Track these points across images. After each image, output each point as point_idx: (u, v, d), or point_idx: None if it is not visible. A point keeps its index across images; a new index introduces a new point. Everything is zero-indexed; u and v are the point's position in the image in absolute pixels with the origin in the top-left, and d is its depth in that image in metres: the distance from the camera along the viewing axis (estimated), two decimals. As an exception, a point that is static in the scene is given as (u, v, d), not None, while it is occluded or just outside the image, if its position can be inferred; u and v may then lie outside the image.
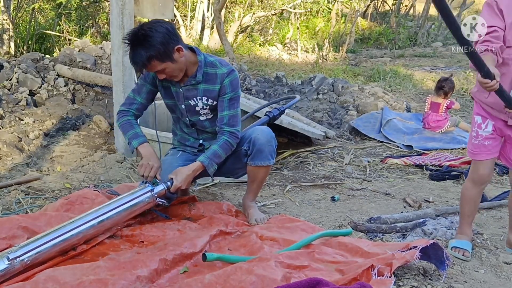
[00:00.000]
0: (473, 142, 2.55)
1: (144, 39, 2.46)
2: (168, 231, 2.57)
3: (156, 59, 2.49)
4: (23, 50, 8.41)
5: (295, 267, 2.17)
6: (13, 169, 3.70)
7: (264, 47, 12.40)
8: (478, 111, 2.54)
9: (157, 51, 2.47)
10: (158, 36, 2.47)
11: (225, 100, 2.73)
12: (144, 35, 2.46)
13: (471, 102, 7.05)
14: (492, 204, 3.37)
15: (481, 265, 2.48)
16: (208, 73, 2.72)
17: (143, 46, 2.46)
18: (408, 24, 14.82)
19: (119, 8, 3.89)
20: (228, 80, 2.71)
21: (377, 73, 8.94)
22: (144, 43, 2.46)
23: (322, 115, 6.01)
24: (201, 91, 2.74)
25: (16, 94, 5.11)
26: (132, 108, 2.81)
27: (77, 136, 4.58)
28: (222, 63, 2.75)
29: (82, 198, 2.78)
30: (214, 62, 2.74)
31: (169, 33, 2.51)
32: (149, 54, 2.46)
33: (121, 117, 2.82)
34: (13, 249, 2.08)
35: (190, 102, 2.77)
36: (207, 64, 2.72)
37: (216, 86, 2.72)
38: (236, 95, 2.76)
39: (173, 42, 2.52)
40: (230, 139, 2.73)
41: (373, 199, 3.47)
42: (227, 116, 2.73)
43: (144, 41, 2.46)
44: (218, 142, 2.72)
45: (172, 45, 2.52)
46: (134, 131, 2.77)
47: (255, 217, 2.86)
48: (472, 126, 2.60)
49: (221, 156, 2.72)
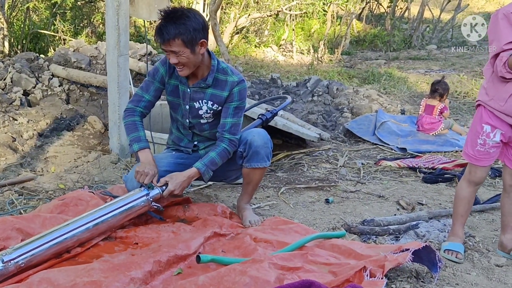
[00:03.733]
0: (478, 149, 2.54)
1: (181, 17, 2.50)
2: (162, 233, 2.57)
3: (181, 40, 2.50)
4: (18, 50, 8.36)
5: (288, 268, 2.18)
6: (6, 169, 3.69)
7: (260, 49, 12.41)
8: (487, 120, 2.51)
9: (187, 33, 2.49)
10: (194, 22, 2.51)
11: (230, 108, 2.74)
12: (182, 15, 2.51)
13: (464, 105, 7.09)
14: (484, 207, 3.39)
15: (473, 268, 2.51)
16: (218, 79, 2.73)
17: (176, 23, 2.49)
18: (403, 27, 14.87)
19: (114, 8, 3.90)
20: (237, 89, 2.73)
21: (372, 75, 8.97)
22: (178, 21, 2.49)
23: (317, 117, 6.03)
24: (208, 95, 2.75)
25: (10, 94, 5.10)
26: (140, 106, 2.81)
27: (72, 136, 4.58)
28: (234, 72, 2.76)
29: (77, 200, 2.78)
30: (226, 69, 2.75)
31: (204, 23, 2.57)
32: (179, 31, 2.48)
33: (127, 116, 2.81)
34: (7, 251, 2.08)
35: (195, 104, 2.78)
36: (219, 70, 2.73)
37: (224, 92, 2.73)
38: (242, 105, 2.78)
39: (203, 34, 2.56)
40: (229, 147, 2.75)
41: (367, 201, 3.49)
42: (229, 123, 2.75)
43: (180, 19, 2.49)
44: (217, 150, 2.73)
45: (200, 35, 2.55)
46: (138, 134, 2.76)
47: (249, 219, 2.87)
48: (476, 133, 2.55)
49: (218, 164, 2.74)
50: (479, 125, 2.55)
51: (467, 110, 6.91)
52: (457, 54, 12.05)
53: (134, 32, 10.69)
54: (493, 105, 2.47)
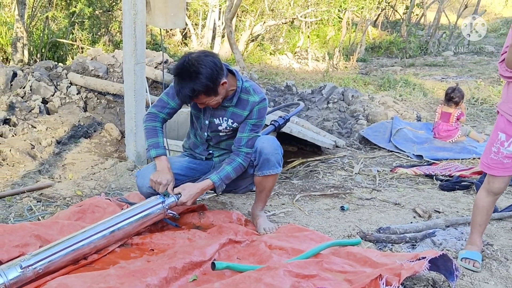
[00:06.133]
0: (491, 157, 2.48)
1: (192, 74, 2.47)
2: (178, 239, 2.59)
3: (203, 94, 2.52)
4: (37, 58, 8.52)
5: (303, 276, 2.18)
6: (25, 176, 3.74)
7: (275, 56, 12.45)
8: (504, 128, 2.44)
9: (206, 87, 2.49)
10: (207, 72, 2.47)
11: (248, 124, 2.75)
12: (192, 70, 2.47)
13: (482, 112, 7.02)
14: (502, 215, 3.34)
15: (491, 277, 2.47)
16: (241, 99, 2.73)
17: (191, 81, 2.47)
18: (419, 33, 14.80)
19: (131, 17, 3.94)
20: (258, 108, 2.73)
21: (388, 82, 8.93)
22: (192, 77, 2.46)
23: (332, 124, 6.02)
24: (230, 113, 2.76)
25: (29, 101, 5.19)
26: (163, 112, 2.81)
27: (89, 143, 4.63)
28: (256, 90, 2.76)
29: (94, 207, 2.81)
30: (249, 88, 2.74)
31: (216, 67, 2.51)
32: (197, 89, 2.48)
33: (148, 120, 2.82)
34: (25, 257, 2.11)
35: (215, 120, 2.79)
36: (242, 89, 2.73)
37: (245, 112, 2.74)
38: (260, 123, 2.78)
39: (220, 77, 2.54)
40: (244, 161, 2.76)
41: (383, 209, 3.47)
42: (246, 138, 2.75)
43: (193, 76, 2.46)
44: (232, 164, 2.75)
45: (219, 80, 2.53)
46: (157, 140, 2.77)
47: (264, 226, 2.87)
48: (492, 140, 2.50)
49: (232, 178, 2.76)
50: (495, 132, 2.50)
51: (484, 116, 6.84)
52: (474, 60, 11.95)
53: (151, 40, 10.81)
54: (504, 108, 2.44)
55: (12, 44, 8.28)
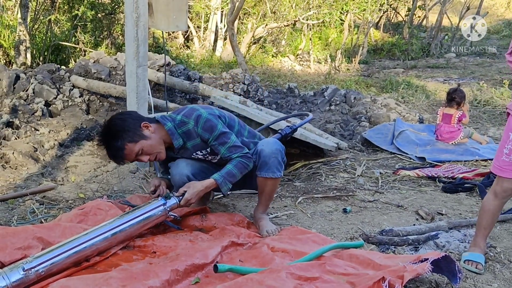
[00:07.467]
0: (503, 158, 2.45)
1: (111, 132, 2.62)
2: (180, 241, 2.59)
3: (128, 142, 2.60)
4: (39, 61, 8.55)
5: (306, 278, 2.17)
6: (28, 179, 3.75)
7: (277, 58, 12.46)
8: None
9: (126, 134, 2.59)
10: (121, 123, 2.62)
11: (212, 144, 2.78)
12: (109, 130, 2.63)
13: (484, 114, 7.00)
14: (506, 217, 3.33)
15: (494, 279, 2.46)
16: (185, 132, 2.77)
17: (113, 138, 2.60)
18: (421, 35, 14.78)
19: (133, 20, 3.95)
20: (200, 129, 2.74)
21: (390, 84, 8.92)
22: (112, 135, 2.60)
23: (335, 126, 6.02)
24: (191, 148, 2.83)
25: (32, 104, 5.20)
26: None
27: (91, 146, 4.64)
28: (187, 115, 2.76)
29: (96, 209, 2.81)
30: (182, 119, 2.77)
31: (130, 116, 2.68)
32: (120, 140, 2.58)
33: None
34: (28, 260, 2.11)
35: (192, 156, 2.88)
36: (178, 125, 2.76)
37: (197, 139, 2.79)
38: (217, 133, 2.74)
39: (137, 121, 2.65)
40: (244, 159, 2.77)
41: (385, 211, 3.46)
42: (225, 151, 2.77)
43: (112, 133, 2.62)
44: (233, 162, 2.77)
45: (137, 123, 2.64)
46: None
47: (267, 229, 2.87)
48: (503, 142, 2.47)
49: (236, 176, 2.76)
50: (506, 134, 2.47)
51: (487, 118, 6.82)
52: (477, 62, 11.93)
53: (153, 43, 10.83)
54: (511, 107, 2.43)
55: (15, 47, 8.30)
